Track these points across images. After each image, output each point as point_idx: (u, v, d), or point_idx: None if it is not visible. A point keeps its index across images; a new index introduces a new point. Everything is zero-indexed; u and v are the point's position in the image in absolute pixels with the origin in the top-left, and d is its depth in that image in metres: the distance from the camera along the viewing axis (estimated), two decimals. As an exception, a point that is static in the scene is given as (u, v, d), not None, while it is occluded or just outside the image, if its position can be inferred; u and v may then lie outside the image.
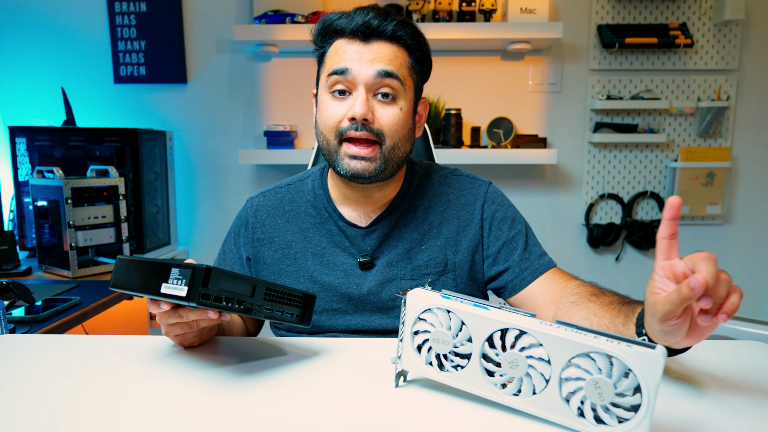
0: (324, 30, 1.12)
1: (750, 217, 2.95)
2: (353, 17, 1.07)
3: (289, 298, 0.89)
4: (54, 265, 2.09)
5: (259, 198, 1.27)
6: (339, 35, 1.10)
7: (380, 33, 1.07)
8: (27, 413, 0.73)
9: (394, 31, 1.08)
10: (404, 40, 1.10)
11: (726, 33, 2.80)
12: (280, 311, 0.88)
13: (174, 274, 0.77)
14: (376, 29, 1.07)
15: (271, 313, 0.87)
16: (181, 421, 0.71)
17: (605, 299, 0.96)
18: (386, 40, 1.08)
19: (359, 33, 1.07)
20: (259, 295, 0.84)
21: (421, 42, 1.13)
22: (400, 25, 1.08)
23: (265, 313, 0.86)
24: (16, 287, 1.60)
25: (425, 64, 1.16)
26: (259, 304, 0.84)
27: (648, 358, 0.62)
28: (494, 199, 1.22)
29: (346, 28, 1.08)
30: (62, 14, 2.82)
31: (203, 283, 0.74)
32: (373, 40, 1.08)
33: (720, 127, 2.84)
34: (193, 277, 0.75)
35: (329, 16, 1.11)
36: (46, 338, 1.04)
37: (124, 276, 0.86)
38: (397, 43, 1.10)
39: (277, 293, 0.87)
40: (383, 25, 1.07)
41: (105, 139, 2.42)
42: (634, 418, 0.64)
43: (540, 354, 0.69)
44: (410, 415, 0.73)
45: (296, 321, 0.92)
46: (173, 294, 0.76)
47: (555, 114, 2.89)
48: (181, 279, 0.76)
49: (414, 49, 1.12)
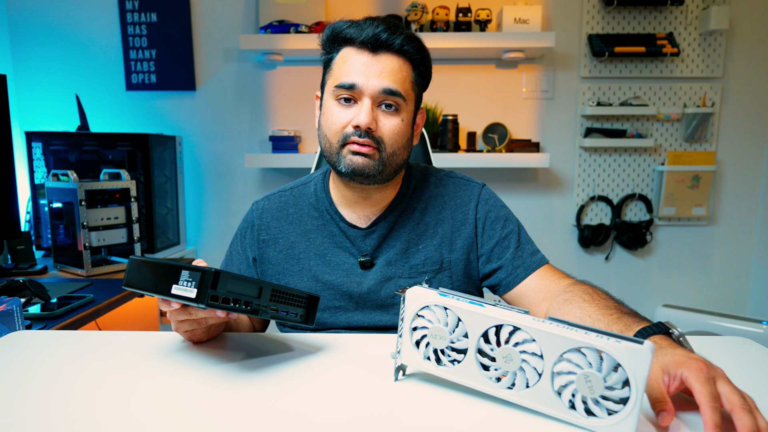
0: (333, 37, 1.12)
1: (733, 218, 2.95)
2: (363, 28, 1.07)
3: (293, 299, 0.89)
4: (68, 264, 2.08)
5: (264, 201, 1.27)
6: (348, 44, 1.10)
7: (389, 46, 1.08)
8: (43, 405, 0.73)
9: (401, 45, 1.08)
10: (410, 54, 1.10)
11: (711, 42, 2.81)
12: (285, 311, 0.88)
13: (184, 275, 0.77)
14: (385, 42, 1.07)
15: (276, 313, 0.87)
16: (191, 412, 0.71)
17: (601, 302, 0.96)
18: (393, 53, 1.09)
19: (368, 44, 1.07)
20: (265, 297, 0.84)
21: (425, 56, 1.14)
22: (407, 39, 1.09)
23: (270, 314, 0.86)
24: (33, 285, 1.60)
25: (426, 77, 1.17)
26: (265, 305, 0.84)
27: (636, 353, 0.62)
28: (487, 200, 1.23)
29: (355, 38, 1.08)
30: (77, 25, 2.82)
31: (212, 285, 0.75)
32: (381, 52, 1.08)
33: (705, 132, 2.84)
34: (203, 280, 0.75)
35: (339, 23, 1.11)
36: (61, 334, 1.04)
37: (137, 276, 0.86)
38: (403, 56, 1.10)
39: (282, 294, 0.87)
40: (392, 38, 1.07)
41: (117, 144, 2.42)
42: (623, 411, 0.64)
43: (533, 349, 0.69)
44: (409, 408, 0.73)
45: (300, 321, 0.92)
46: (183, 295, 0.76)
47: (547, 120, 2.89)
48: (191, 281, 0.76)
49: (418, 62, 1.13)
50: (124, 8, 2.80)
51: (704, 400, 0.63)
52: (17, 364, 0.88)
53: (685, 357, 0.70)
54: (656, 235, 2.96)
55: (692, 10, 2.79)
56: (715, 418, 0.61)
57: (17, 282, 1.59)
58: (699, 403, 0.63)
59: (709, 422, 0.61)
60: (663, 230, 2.96)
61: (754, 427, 0.61)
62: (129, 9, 2.80)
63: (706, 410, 0.62)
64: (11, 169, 2.00)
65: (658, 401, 0.68)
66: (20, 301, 1.21)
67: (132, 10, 2.80)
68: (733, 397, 0.63)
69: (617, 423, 0.64)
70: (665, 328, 0.79)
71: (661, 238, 2.96)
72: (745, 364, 0.88)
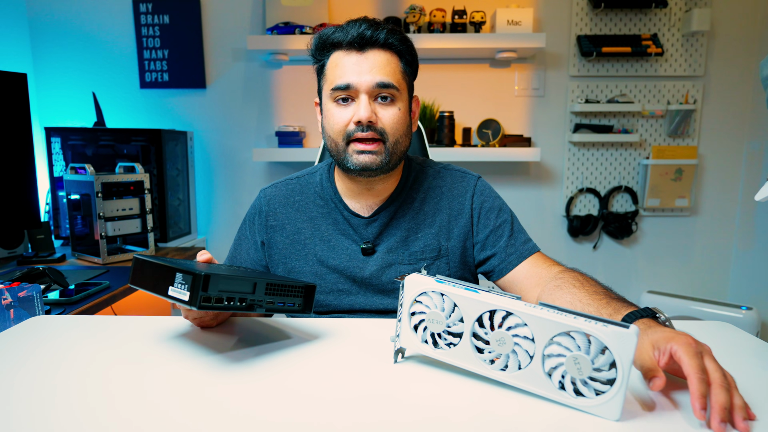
0: (321, 44, 1.12)
1: (714, 209, 2.94)
2: (347, 30, 1.08)
3: (290, 290, 0.88)
4: (86, 252, 2.08)
5: (271, 189, 1.27)
6: (336, 48, 1.10)
7: (374, 42, 1.08)
8: (61, 385, 0.73)
9: (386, 39, 1.08)
10: (395, 47, 1.10)
11: (693, 43, 2.79)
12: (282, 303, 0.87)
13: (178, 278, 0.76)
14: (370, 39, 1.07)
15: (273, 306, 0.85)
16: (203, 391, 0.71)
17: (590, 288, 0.96)
18: (380, 48, 1.09)
19: (355, 44, 1.08)
20: (260, 291, 0.82)
21: (409, 46, 1.14)
22: (390, 33, 1.09)
23: (267, 307, 0.84)
24: (52, 272, 1.60)
25: (414, 65, 1.17)
26: (260, 300, 0.82)
27: (622, 337, 0.62)
28: (482, 191, 1.22)
29: (342, 41, 1.08)
30: (93, 27, 2.81)
31: (203, 287, 0.73)
32: (368, 49, 1.08)
33: (687, 128, 2.84)
34: (194, 284, 0.73)
35: (324, 31, 1.12)
36: (78, 319, 1.04)
37: (140, 275, 0.85)
38: (389, 49, 1.10)
39: (278, 287, 0.85)
40: (376, 34, 1.07)
41: (132, 139, 2.41)
42: (610, 391, 0.64)
43: (525, 333, 0.69)
44: (407, 388, 0.73)
45: (299, 310, 0.90)
46: (178, 297, 0.75)
47: (538, 116, 2.88)
48: (184, 284, 0.75)
49: (404, 53, 1.13)
50: (138, 11, 2.78)
51: (692, 372, 0.63)
52: (37, 347, 0.88)
53: (674, 333, 0.70)
54: (641, 225, 2.96)
55: (675, 12, 2.78)
56: (701, 388, 0.62)
57: (37, 269, 1.59)
58: (687, 374, 0.64)
59: (696, 392, 0.62)
60: (648, 221, 2.95)
61: (728, 404, 0.62)
62: (143, 11, 2.78)
63: (694, 381, 0.63)
64: (31, 162, 2.00)
65: (649, 370, 0.68)
66: (40, 288, 1.21)
67: (146, 12, 2.78)
68: (715, 374, 0.64)
69: (604, 403, 0.64)
70: (652, 312, 0.79)
71: (645, 228, 2.96)
72: (726, 347, 0.88)
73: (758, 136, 2.81)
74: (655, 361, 0.69)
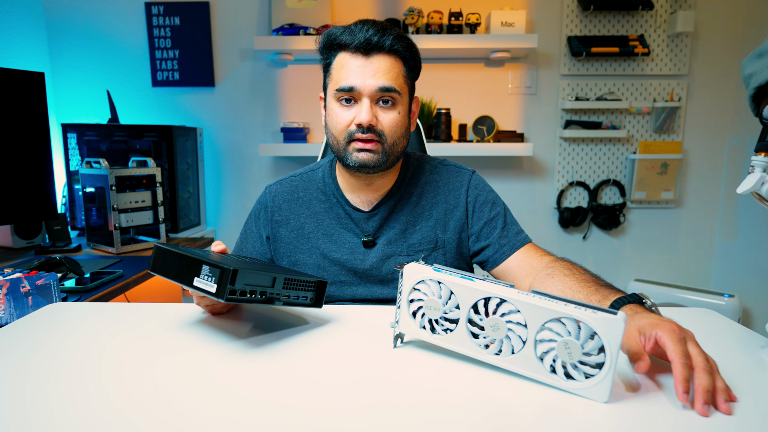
0: (329, 43, 1.10)
1: (698, 201, 2.94)
2: (355, 33, 1.06)
3: (304, 285, 0.89)
4: (100, 242, 2.08)
5: (276, 185, 1.26)
6: (342, 49, 1.08)
7: (380, 48, 1.06)
8: (77, 369, 0.73)
9: (392, 45, 1.06)
10: (400, 52, 1.09)
11: (678, 43, 2.78)
12: (297, 296, 0.88)
13: (205, 270, 0.76)
14: (376, 44, 1.05)
15: (289, 299, 0.86)
16: (211, 376, 0.71)
17: (580, 276, 0.95)
18: (385, 53, 1.07)
19: (361, 48, 1.06)
20: (278, 285, 0.83)
21: (414, 51, 1.12)
22: (396, 39, 1.07)
23: (284, 300, 0.85)
24: (68, 262, 1.59)
25: (417, 69, 1.15)
26: (278, 293, 0.84)
27: (611, 323, 0.62)
28: (477, 185, 1.22)
29: (349, 44, 1.07)
30: (108, 28, 2.79)
31: (231, 281, 0.74)
32: (373, 54, 1.06)
33: (672, 124, 2.83)
34: (222, 277, 0.74)
35: (333, 30, 1.10)
36: (93, 306, 1.04)
37: (162, 263, 0.85)
38: (394, 54, 1.08)
39: (294, 281, 0.86)
40: (382, 40, 1.05)
41: (144, 135, 2.40)
42: (599, 374, 0.64)
43: (518, 319, 0.69)
44: (406, 371, 0.73)
45: (311, 304, 0.91)
46: (204, 288, 0.75)
47: (531, 113, 2.87)
48: (211, 276, 0.75)
49: (408, 58, 1.11)
50: (150, 13, 2.77)
51: (676, 357, 0.63)
52: (55, 333, 0.88)
53: (659, 320, 0.70)
54: (629, 216, 2.95)
55: (661, 14, 2.76)
56: (685, 372, 0.62)
57: (54, 259, 1.59)
58: (671, 359, 0.64)
59: (680, 376, 0.62)
60: (635, 212, 2.95)
61: (710, 386, 0.62)
62: (155, 13, 2.77)
63: (678, 366, 0.63)
64: (49, 157, 1.99)
65: (635, 354, 0.68)
66: (57, 276, 1.21)
67: (158, 15, 2.77)
68: (698, 359, 0.64)
69: (594, 385, 0.64)
70: (639, 298, 0.79)
71: (633, 219, 2.96)
72: (709, 333, 0.88)
73: (740, 132, 2.80)
74: (641, 346, 0.69)
